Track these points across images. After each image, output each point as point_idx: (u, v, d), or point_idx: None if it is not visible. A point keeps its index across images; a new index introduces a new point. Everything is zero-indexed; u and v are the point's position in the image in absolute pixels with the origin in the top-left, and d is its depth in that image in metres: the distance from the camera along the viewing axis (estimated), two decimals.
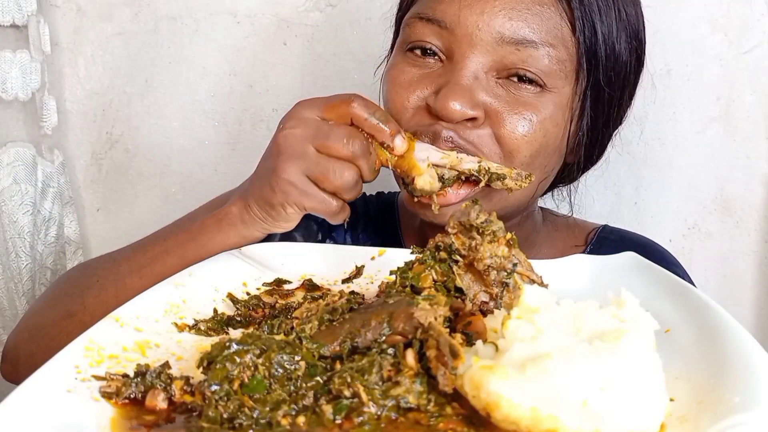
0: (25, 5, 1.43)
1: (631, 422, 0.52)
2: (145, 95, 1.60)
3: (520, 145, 0.93)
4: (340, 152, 0.85)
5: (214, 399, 0.54)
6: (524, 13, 0.91)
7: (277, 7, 1.55)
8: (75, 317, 0.97)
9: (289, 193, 0.86)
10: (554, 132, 0.96)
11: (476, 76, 0.92)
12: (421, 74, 0.96)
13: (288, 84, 1.57)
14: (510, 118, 0.92)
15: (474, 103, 0.91)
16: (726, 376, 0.57)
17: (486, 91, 0.92)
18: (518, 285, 0.71)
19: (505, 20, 0.91)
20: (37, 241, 1.51)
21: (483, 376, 0.54)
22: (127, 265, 0.98)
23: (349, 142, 0.85)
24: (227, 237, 0.92)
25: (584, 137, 1.02)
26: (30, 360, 1.00)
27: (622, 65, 1.00)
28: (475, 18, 0.91)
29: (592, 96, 0.99)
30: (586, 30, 0.94)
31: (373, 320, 0.62)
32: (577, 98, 0.98)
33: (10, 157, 1.47)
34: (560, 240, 1.18)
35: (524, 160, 0.94)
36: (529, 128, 0.93)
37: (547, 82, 0.93)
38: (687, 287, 0.77)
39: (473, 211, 0.73)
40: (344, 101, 0.88)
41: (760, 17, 1.42)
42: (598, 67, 0.97)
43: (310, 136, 0.86)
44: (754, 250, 1.51)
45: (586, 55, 0.95)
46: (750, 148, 1.47)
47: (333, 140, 0.85)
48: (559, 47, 0.93)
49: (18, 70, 1.44)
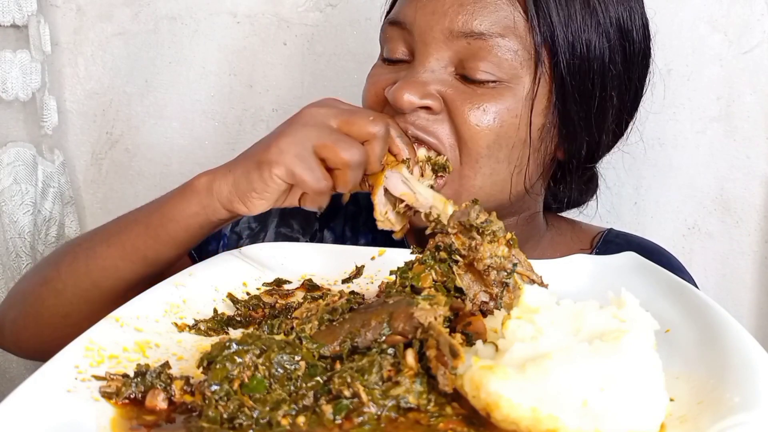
0: (25, 5, 1.43)
1: (631, 422, 0.52)
2: (145, 95, 1.60)
3: (476, 134, 0.95)
4: (363, 128, 0.85)
5: (214, 399, 0.54)
6: (472, 7, 0.94)
7: (277, 7, 1.55)
8: (50, 284, 1.00)
9: (286, 152, 0.82)
10: (512, 122, 0.96)
11: (432, 70, 0.95)
12: (389, 75, 1.00)
13: (288, 84, 1.57)
14: (465, 108, 0.94)
15: (425, 93, 0.94)
16: (726, 376, 0.57)
17: (442, 83, 0.95)
18: (518, 285, 0.72)
19: (454, 16, 0.94)
20: (38, 241, 1.51)
21: (483, 376, 0.54)
22: (100, 235, 1.00)
23: (374, 123, 0.85)
24: (188, 205, 0.90)
25: (554, 130, 1.00)
26: (12, 326, 1.04)
27: (595, 58, 0.98)
28: (428, 18, 0.96)
29: (557, 87, 0.97)
30: (540, 18, 0.94)
31: (373, 320, 0.62)
32: (536, 89, 0.97)
33: (10, 157, 1.47)
34: (565, 244, 1.17)
35: (482, 152, 0.95)
36: (485, 118, 0.94)
37: (502, 74, 0.94)
38: (687, 287, 0.77)
39: (473, 211, 0.73)
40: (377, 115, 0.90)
41: (760, 17, 1.42)
42: (557, 57, 0.96)
43: (334, 114, 0.86)
44: (754, 250, 1.51)
45: (543, 44, 0.95)
46: (750, 148, 1.47)
47: (358, 116, 0.85)
48: (510, 37, 0.94)
49: (18, 70, 1.44)
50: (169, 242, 0.92)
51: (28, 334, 1.03)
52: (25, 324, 1.03)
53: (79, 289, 0.97)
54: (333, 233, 1.18)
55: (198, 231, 0.91)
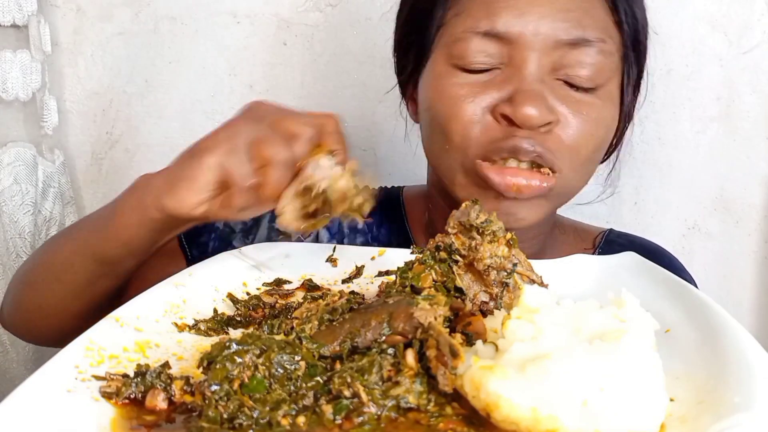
0: (26, 5, 1.43)
1: (631, 422, 0.52)
2: (145, 95, 1.60)
3: (584, 144, 0.95)
4: (291, 127, 0.79)
5: (214, 399, 0.54)
6: (574, 13, 0.93)
7: (277, 7, 1.55)
8: (27, 275, 1.04)
9: (219, 144, 0.78)
10: (611, 126, 0.99)
11: (542, 80, 0.93)
12: (482, 83, 0.95)
13: (288, 84, 1.57)
14: (576, 119, 0.94)
15: (549, 107, 0.92)
16: (726, 376, 0.57)
17: (553, 93, 0.93)
18: (518, 285, 0.72)
19: (558, 23, 0.92)
20: (38, 242, 1.51)
21: (483, 376, 0.54)
22: (67, 229, 1.04)
23: (305, 124, 0.80)
24: (128, 200, 0.87)
25: (624, 125, 1.05)
26: (8, 309, 1.08)
27: (645, 41, 1.02)
28: (533, 26, 0.92)
29: (634, 84, 1.01)
30: (629, 18, 0.96)
31: (373, 320, 0.62)
32: (623, 88, 0.99)
33: (10, 157, 1.47)
34: (568, 243, 1.18)
35: (587, 157, 0.97)
36: (592, 128, 0.95)
37: (601, 78, 0.95)
38: (687, 287, 0.77)
39: (473, 211, 0.73)
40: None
41: (760, 17, 1.42)
42: (642, 56, 0.99)
43: (272, 112, 0.82)
44: (754, 250, 1.51)
45: (632, 44, 0.97)
46: (750, 148, 1.47)
47: (292, 117, 0.81)
48: (608, 40, 0.95)
49: (18, 70, 1.44)
50: (113, 240, 0.88)
51: (16, 320, 1.07)
52: (12, 311, 1.06)
53: (46, 282, 0.97)
54: (328, 232, 1.16)
55: (137, 230, 0.86)
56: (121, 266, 0.93)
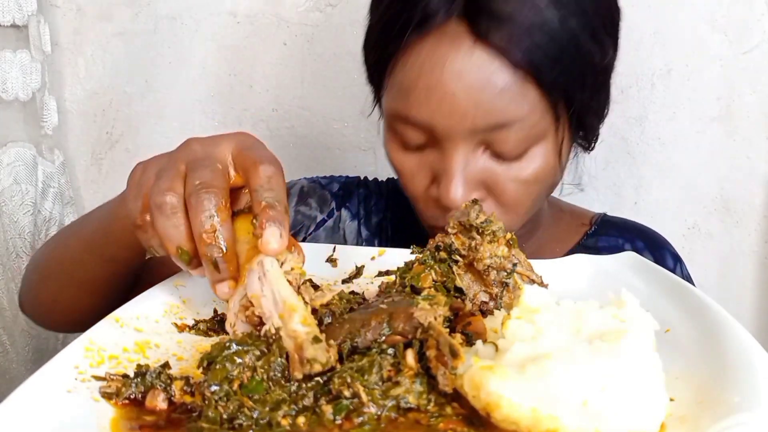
0: (26, 5, 1.43)
1: (631, 422, 0.52)
2: (145, 95, 1.60)
3: (521, 201, 0.97)
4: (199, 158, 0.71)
5: (214, 399, 0.54)
6: (489, 103, 0.89)
7: (277, 7, 1.55)
8: (39, 269, 1.03)
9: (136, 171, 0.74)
10: (549, 172, 0.97)
11: (466, 161, 0.93)
12: (418, 163, 0.98)
13: (288, 84, 1.57)
14: (507, 187, 0.95)
15: (473, 186, 0.95)
16: (726, 376, 0.57)
17: (480, 171, 0.95)
18: (518, 285, 0.71)
19: (473, 116, 0.90)
20: (38, 242, 1.51)
21: (483, 376, 0.54)
22: (75, 226, 1.01)
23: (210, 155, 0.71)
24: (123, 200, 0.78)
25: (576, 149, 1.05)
26: (25, 297, 1.08)
27: (589, 63, 0.94)
28: (446, 120, 0.91)
29: (575, 118, 0.97)
30: (549, 81, 0.90)
31: (373, 320, 0.62)
32: (562, 136, 0.97)
33: (10, 157, 1.47)
34: (564, 221, 1.22)
35: (531, 205, 0.99)
36: (526, 187, 0.96)
37: (531, 142, 0.93)
38: (687, 287, 0.77)
39: (473, 211, 0.73)
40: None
41: (760, 17, 1.42)
42: (573, 92, 0.93)
43: (192, 147, 0.75)
44: (754, 250, 1.51)
45: (556, 93, 0.92)
46: (750, 148, 1.47)
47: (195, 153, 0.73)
48: (531, 114, 0.91)
49: (18, 70, 1.44)
50: (117, 241, 0.86)
51: (36, 311, 1.07)
52: (30, 301, 1.06)
53: (60, 277, 0.98)
54: (349, 212, 1.23)
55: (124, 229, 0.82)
56: (130, 265, 0.92)
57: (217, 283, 0.66)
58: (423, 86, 0.90)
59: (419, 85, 0.91)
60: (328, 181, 1.26)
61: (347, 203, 1.23)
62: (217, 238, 0.65)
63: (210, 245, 0.65)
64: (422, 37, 0.90)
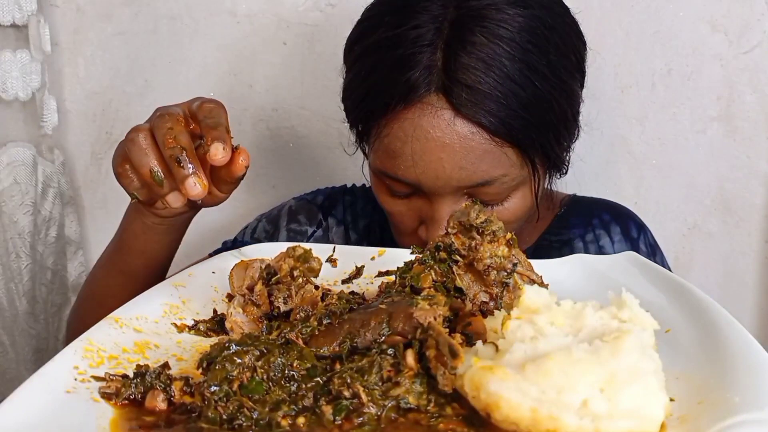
0: (26, 5, 1.43)
1: (631, 422, 0.52)
2: (145, 95, 1.60)
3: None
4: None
5: (214, 400, 0.54)
6: (471, 166, 0.97)
7: (277, 7, 1.55)
8: (76, 311, 1.15)
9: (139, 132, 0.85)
10: (529, 210, 1.06)
11: (452, 208, 0.99)
12: (406, 208, 1.06)
13: (288, 84, 1.57)
14: None
15: None
16: (726, 376, 0.57)
17: None
18: (518, 285, 0.71)
19: (457, 178, 0.97)
20: (38, 242, 1.51)
21: (483, 377, 0.54)
22: (100, 261, 1.09)
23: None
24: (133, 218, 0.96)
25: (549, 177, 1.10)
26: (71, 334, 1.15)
27: (562, 116, 1.01)
28: (432, 181, 0.98)
29: (551, 162, 1.04)
30: (524, 141, 0.97)
31: (373, 320, 0.62)
32: (537, 180, 1.04)
33: (10, 157, 1.47)
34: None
35: (514, 229, 1.02)
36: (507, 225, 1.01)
37: (510, 190, 1.02)
38: (687, 287, 0.77)
39: (473, 211, 0.73)
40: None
41: (760, 17, 1.42)
42: (549, 145, 1.00)
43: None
44: (754, 250, 1.51)
45: (532, 150, 0.99)
46: (750, 148, 1.47)
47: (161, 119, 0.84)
48: (510, 169, 0.99)
49: (18, 70, 1.44)
50: (130, 252, 0.97)
51: None
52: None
53: (93, 311, 0.99)
54: (335, 218, 1.28)
55: (144, 237, 0.95)
56: (149, 277, 0.98)
57: (185, 181, 0.76)
58: (409, 153, 0.97)
59: (405, 151, 0.98)
60: (313, 195, 1.32)
61: (333, 211, 1.29)
62: (178, 140, 0.78)
63: (173, 146, 0.77)
64: (406, 107, 0.97)
